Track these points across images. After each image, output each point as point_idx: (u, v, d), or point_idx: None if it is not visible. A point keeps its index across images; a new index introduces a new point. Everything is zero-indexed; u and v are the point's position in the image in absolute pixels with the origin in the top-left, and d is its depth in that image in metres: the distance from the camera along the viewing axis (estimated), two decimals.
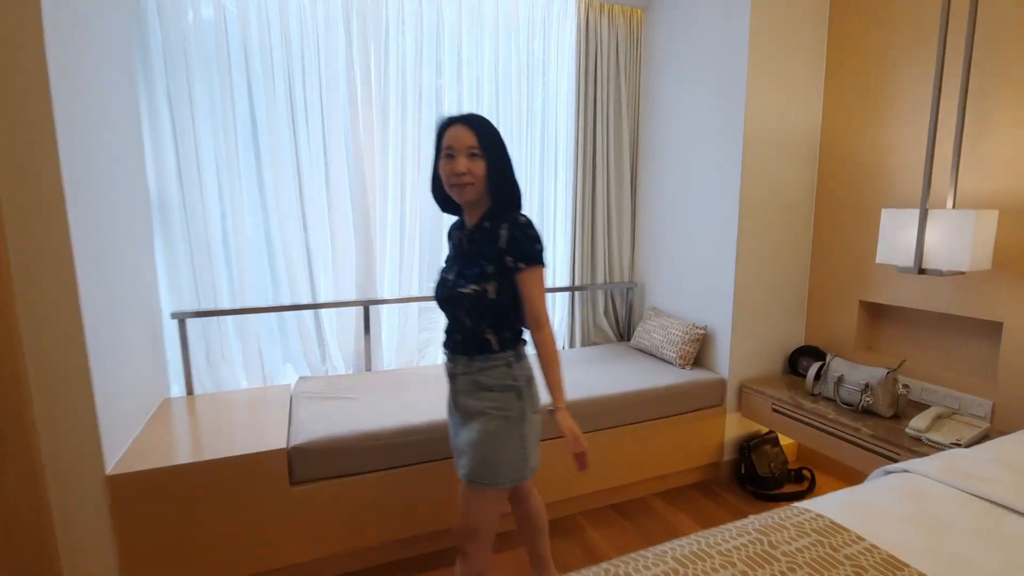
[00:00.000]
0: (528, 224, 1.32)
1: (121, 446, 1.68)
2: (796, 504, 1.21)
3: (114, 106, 1.78)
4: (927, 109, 2.03)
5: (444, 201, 1.44)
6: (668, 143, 2.78)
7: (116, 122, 1.79)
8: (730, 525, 1.15)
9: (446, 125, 1.32)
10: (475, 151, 1.29)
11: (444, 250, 2.72)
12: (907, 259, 1.88)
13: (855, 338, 2.39)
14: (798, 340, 2.62)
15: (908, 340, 2.26)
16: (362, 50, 2.40)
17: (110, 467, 1.57)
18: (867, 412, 2.07)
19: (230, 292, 2.38)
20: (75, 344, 1.44)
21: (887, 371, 2.02)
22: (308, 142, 2.38)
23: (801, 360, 2.52)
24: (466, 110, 2.63)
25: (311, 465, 1.75)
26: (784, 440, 2.59)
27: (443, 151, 1.33)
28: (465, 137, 1.29)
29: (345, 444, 1.79)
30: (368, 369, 2.54)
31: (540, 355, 1.33)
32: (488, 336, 1.34)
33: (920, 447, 1.80)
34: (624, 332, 3.11)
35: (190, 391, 2.23)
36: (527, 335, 1.41)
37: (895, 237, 1.92)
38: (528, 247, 1.29)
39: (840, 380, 2.15)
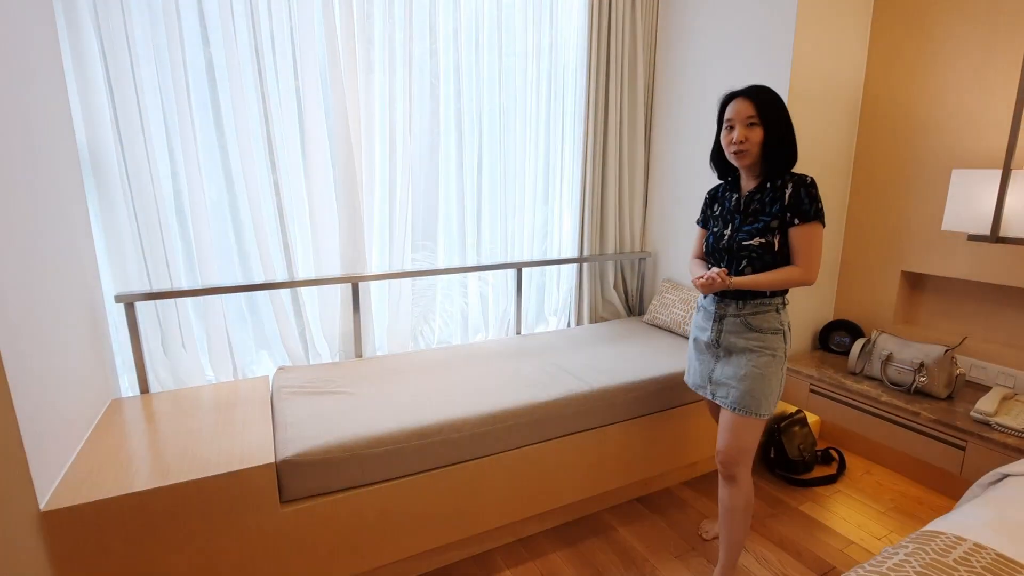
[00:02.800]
0: (812, 184, 1.44)
1: (58, 470, 1.32)
2: (935, 527, 0.99)
3: (13, 27, 1.34)
4: (1005, 55, 1.80)
5: (722, 168, 1.60)
6: (690, 97, 2.48)
7: (20, 49, 1.35)
8: (877, 564, 0.92)
9: (728, 100, 1.49)
10: (753, 120, 1.43)
11: (441, 215, 2.40)
12: (981, 226, 1.68)
13: (895, 312, 2.22)
14: (827, 314, 2.43)
15: (955, 314, 2.10)
16: None
17: (44, 501, 1.22)
18: (919, 393, 1.90)
19: (188, 268, 1.98)
20: None
21: (945, 348, 1.85)
22: (278, 88, 1.97)
23: (834, 336, 2.34)
24: (463, 50, 2.27)
25: (306, 480, 1.44)
26: (809, 418, 2.43)
27: (724, 123, 1.49)
28: (744, 109, 1.44)
29: (346, 452, 1.48)
30: (358, 355, 2.21)
31: (782, 275, 1.44)
32: None
33: (989, 432, 1.64)
34: (635, 306, 2.86)
35: (144, 389, 1.85)
36: None
37: (967, 201, 1.71)
38: (809, 205, 1.42)
39: (889, 358, 1.97)
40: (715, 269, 1.43)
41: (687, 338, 2.39)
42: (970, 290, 2.05)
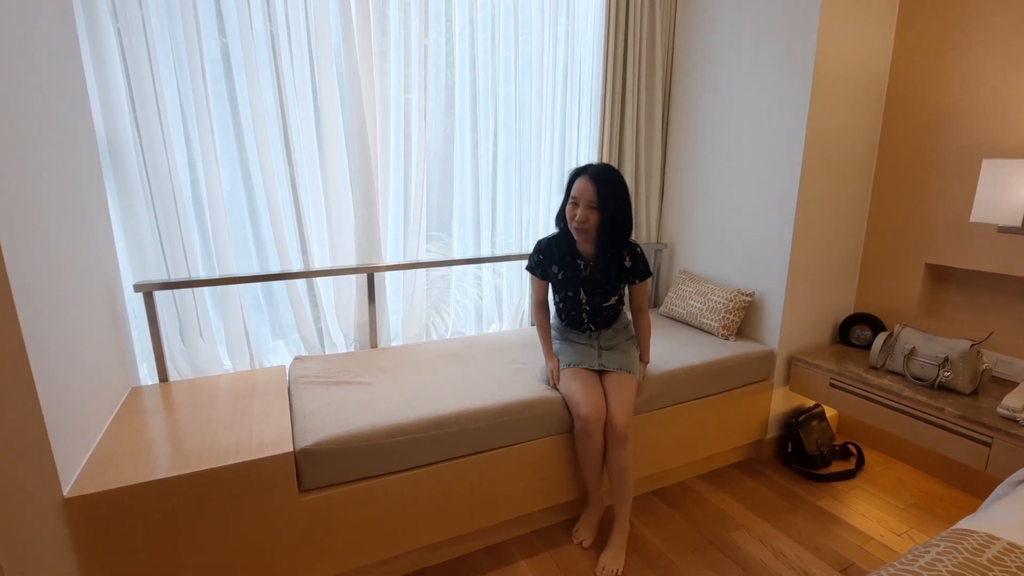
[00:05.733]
0: (640, 247, 1.85)
1: (81, 457, 1.33)
2: (966, 526, 0.97)
3: (33, 18, 1.33)
4: None
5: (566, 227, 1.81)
6: (710, 84, 2.43)
7: (39, 39, 1.35)
8: (908, 562, 0.90)
9: (576, 175, 1.73)
10: (593, 204, 1.68)
11: (456, 207, 2.38)
12: (1013, 218, 1.63)
13: (917, 305, 2.17)
14: (847, 307, 2.39)
15: (980, 308, 2.05)
16: None
17: (68, 487, 1.23)
18: (943, 388, 1.87)
19: (205, 258, 1.99)
20: (6, 332, 1.07)
21: (971, 343, 1.81)
22: (294, 79, 1.96)
23: (854, 329, 2.31)
24: (478, 34, 2.24)
25: (324, 469, 1.45)
26: (828, 411, 2.40)
27: (571, 198, 1.73)
28: (587, 192, 1.67)
29: (364, 442, 1.48)
30: (373, 346, 2.21)
31: (646, 329, 1.93)
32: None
33: (1016, 429, 1.60)
34: (651, 298, 2.84)
35: (163, 377, 1.87)
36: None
37: (999, 192, 1.66)
38: (644, 267, 1.85)
39: (912, 352, 1.93)
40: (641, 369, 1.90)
41: (704, 331, 2.37)
42: (997, 284, 2.00)
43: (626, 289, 1.90)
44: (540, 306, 1.94)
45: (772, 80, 2.13)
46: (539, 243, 1.88)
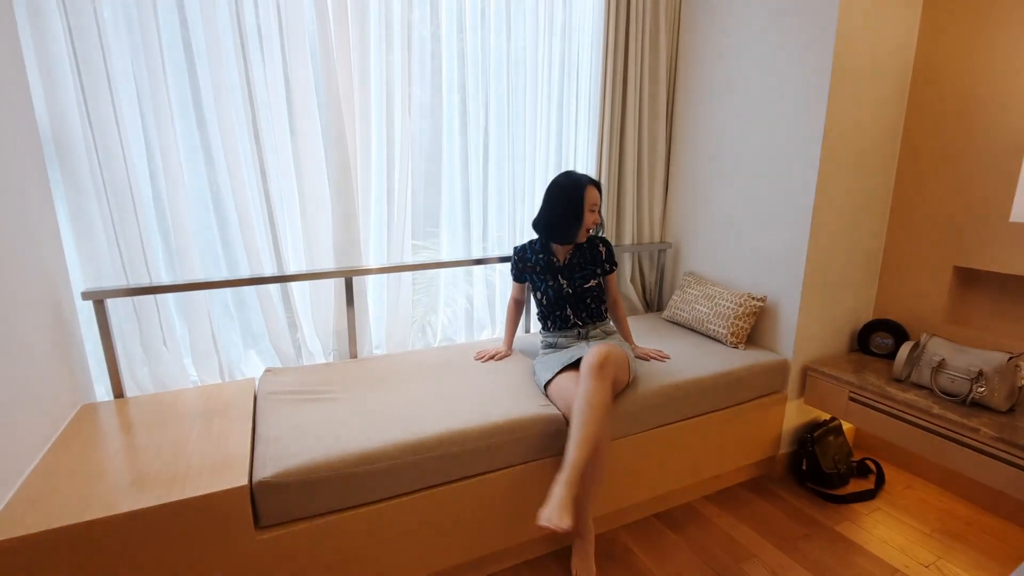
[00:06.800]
0: (609, 241, 1.99)
1: (4, 493, 1.17)
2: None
3: None
4: None
5: (555, 234, 1.87)
6: (719, 74, 2.25)
7: None
8: None
9: (585, 186, 1.81)
10: (597, 207, 1.85)
11: (443, 204, 2.21)
12: None
13: (944, 312, 2.00)
14: (866, 313, 2.22)
15: (1015, 316, 1.87)
16: None
17: None
18: (975, 405, 1.70)
19: (168, 261, 1.82)
20: None
21: (1008, 356, 1.64)
22: (263, 66, 1.78)
23: (874, 336, 2.13)
24: (467, 20, 2.06)
25: (285, 503, 1.28)
26: (844, 424, 2.23)
27: (587, 206, 1.81)
28: (596, 198, 1.84)
29: (332, 471, 1.32)
30: (353, 356, 2.05)
31: (624, 315, 2.05)
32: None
33: None
34: (654, 301, 2.67)
35: (119, 393, 1.71)
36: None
37: None
38: (614, 259, 1.98)
39: (941, 365, 1.76)
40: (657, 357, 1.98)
41: (711, 338, 2.20)
42: None
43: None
44: (514, 303, 2.09)
45: (787, 68, 1.95)
46: (515, 249, 2.01)
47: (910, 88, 2.02)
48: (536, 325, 2.42)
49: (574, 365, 1.70)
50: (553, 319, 1.92)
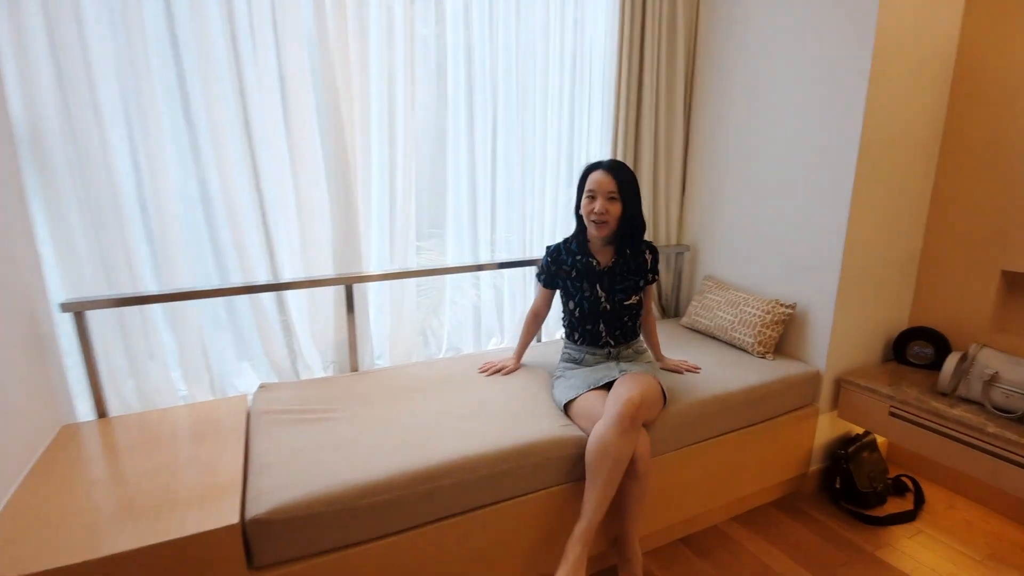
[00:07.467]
0: (656, 249, 1.75)
1: None
2: None
3: None
4: None
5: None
6: (742, 69, 2.11)
7: None
8: None
9: (590, 171, 1.61)
10: (614, 196, 1.57)
11: (449, 209, 2.08)
12: None
13: (989, 319, 1.86)
14: (902, 320, 2.08)
15: None
16: None
17: None
18: None
19: (154, 269, 1.69)
20: None
21: None
22: (255, 62, 1.65)
23: (912, 346, 2.00)
24: (473, 10, 1.93)
25: (282, 542, 1.15)
26: (877, 438, 2.09)
27: (586, 193, 1.61)
28: (607, 183, 1.56)
29: (334, 505, 1.18)
30: (354, 369, 1.92)
31: (654, 327, 1.87)
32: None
33: None
34: (671, 307, 2.53)
35: (102, 412, 1.57)
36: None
37: None
38: (657, 268, 1.75)
39: (994, 378, 1.62)
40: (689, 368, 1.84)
41: (736, 347, 2.06)
42: None
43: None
44: (534, 315, 1.86)
45: (820, 61, 1.81)
46: (548, 248, 1.76)
47: (953, 80, 1.88)
48: (548, 333, 2.29)
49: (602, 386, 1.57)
50: (583, 332, 1.71)
